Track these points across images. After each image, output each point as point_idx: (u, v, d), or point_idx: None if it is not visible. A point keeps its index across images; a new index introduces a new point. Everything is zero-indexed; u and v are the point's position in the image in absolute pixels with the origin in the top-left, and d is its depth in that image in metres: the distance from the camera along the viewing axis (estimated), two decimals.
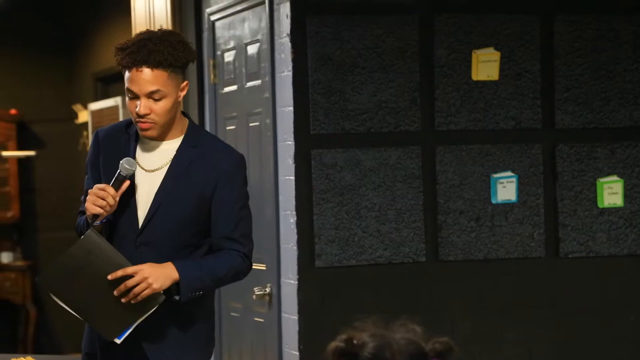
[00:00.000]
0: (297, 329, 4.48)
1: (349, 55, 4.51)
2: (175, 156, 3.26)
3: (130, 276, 3.13)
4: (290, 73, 4.50)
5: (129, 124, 3.31)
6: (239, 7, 5.03)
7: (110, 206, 3.15)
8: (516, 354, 4.62)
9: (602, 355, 4.69)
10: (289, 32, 4.50)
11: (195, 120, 5.49)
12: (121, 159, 3.21)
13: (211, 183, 3.25)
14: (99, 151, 3.30)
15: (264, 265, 4.83)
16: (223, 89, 5.26)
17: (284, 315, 4.64)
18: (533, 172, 4.65)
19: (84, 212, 3.26)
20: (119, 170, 3.18)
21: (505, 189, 4.61)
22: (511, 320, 4.62)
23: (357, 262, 4.51)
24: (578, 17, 4.67)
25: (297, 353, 4.49)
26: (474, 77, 4.59)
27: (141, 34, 3.27)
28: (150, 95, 3.17)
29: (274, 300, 4.72)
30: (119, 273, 3.13)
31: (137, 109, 3.18)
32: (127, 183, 3.19)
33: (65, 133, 9.01)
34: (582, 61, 4.68)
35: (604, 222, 4.68)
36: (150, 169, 3.27)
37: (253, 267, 4.92)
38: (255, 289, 4.81)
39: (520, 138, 4.64)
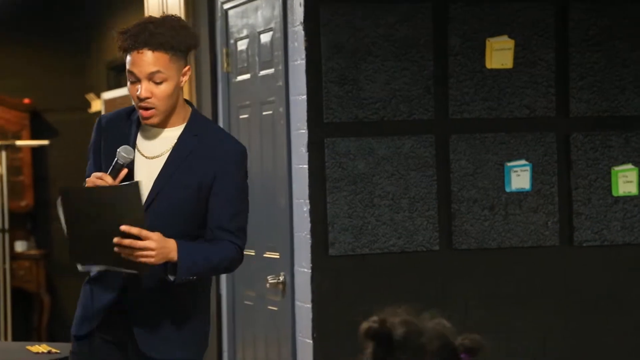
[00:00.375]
0: (311, 317, 4.49)
1: (363, 43, 4.50)
2: (176, 144, 3.23)
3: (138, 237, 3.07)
4: (304, 61, 4.49)
5: (131, 110, 3.28)
6: None
7: None
8: (530, 343, 4.62)
9: (616, 344, 4.68)
10: (302, 21, 4.50)
11: (209, 109, 5.50)
12: (122, 146, 3.20)
13: (211, 173, 3.22)
14: (100, 137, 3.28)
15: (278, 254, 4.83)
16: (236, 78, 5.26)
17: (297, 303, 4.65)
18: (547, 160, 4.64)
19: None
20: (116, 159, 3.15)
21: (520, 178, 4.60)
22: (525, 309, 4.61)
23: (371, 251, 4.51)
24: (593, 5, 4.65)
25: (311, 341, 4.49)
26: (488, 66, 4.58)
27: (143, 18, 3.26)
28: (151, 77, 3.14)
29: (287, 289, 4.73)
30: (134, 230, 3.05)
31: (138, 92, 3.15)
32: (124, 171, 3.16)
33: (78, 122, 9.02)
34: (596, 49, 4.66)
35: (619, 210, 4.67)
36: (151, 155, 3.25)
37: (267, 255, 4.96)
38: (268, 277, 4.81)
39: (535, 126, 4.63)
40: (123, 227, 3.05)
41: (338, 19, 4.48)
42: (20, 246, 8.80)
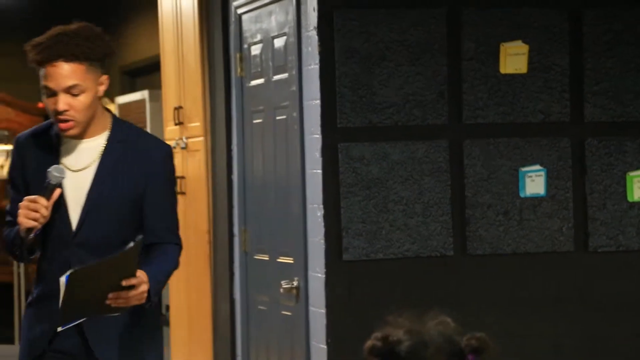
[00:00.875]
0: (325, 322, 4.48)
1: (376, 48, 4.49)
2: (103, 153, 3.19)
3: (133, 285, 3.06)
4: (317, 66, 4.49)
5: (49, 125, 3.24)
6: (266, 0, 5.02)
7: (44, 217, 3.08)
8: (544, 349, 4.60)
9: (632, 350, 4.66)
10: (315, 25, 4.49)
11: (222, 113, 5.50)
12: (46, 163, 3.15)
13: (143, 177, 3.20)
14: (21, 157, 3.23)
15: (292, 259, 4.83)
16: (250, 83, 5.26)
17: (311, 308, 4.64)
18: (562, 165, 4.62)
19: (12, 223, 3.20)
20: (48, 179, 3.10)
21: (534, 183, 4.59)
22: (540, 315, 4.60)
23: (385, 256, 4.50)
24: (607, 10, 4.64)
25: (325, 347, 4.48)
26: (502, 70, 4.57)
27: (54, 29, 3.19)
28: (68, 90, 3.11)
29: (301, 294, 4.72)
30: (134, 281, 3.04)
31: (55, 106, 3.11)
32: (58, 191, 3.11)
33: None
34: (611, 54, 4.64)
35: (634, 216, 4.65)
36: (77, 168, 3.21)
37: (281, 260, 4.96)
38: (282, 282, 4.81)
39: (549, 131, 4.62)
40: (124, 283, 3.04)
41: (352, 23, 4.48)
42: None
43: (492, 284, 4.58)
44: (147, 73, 8.47)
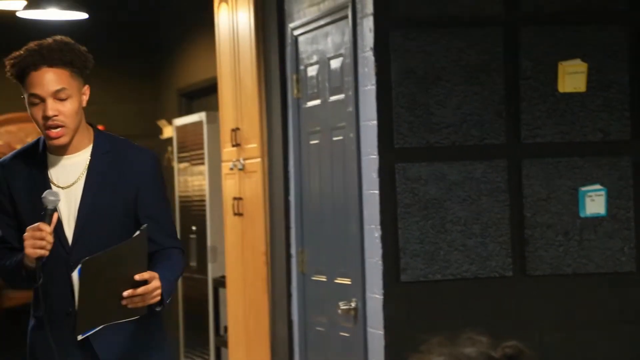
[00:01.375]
0: (383, 344, 4.46)
1: (433, 68, 4.48)
2: (89, 166, 3.18)
3: (145, 282, 3.04)
4: (374, 87, 4.49)
5: (30, 147, 3.24)
6: (322, 22, 5.04)
7: (50, 243, 3.07)
8: None
9: None
10: (372, 46, 4.50)
11: (279, 134, 5.52)
12: (36, 182, 3.15)
13: (133, 186, 3.18)
14: (7, 181, 3.21)
15: (349, 280, 4.82)
16: (306, 104, 5.27)
17: (369, 330, 4.62)
18: (622, 185, 4.56)
19: (8, 248, 3.18)
20: (45, 205, 3.07)
21: (594, 203, 4.54)
22: (601, 336, 4.54)
23: (443, 277, 4.47)
24: None
25: None
26: (561, 89, 4.53)
27: (31, 44, 3.19)
28: (55, 95, 3.11)
29: (359, 315, 4.71)
30: (146, 275, 3.03)
31: (44, 113, 3.11)
32: (56, 215, 3.09)
33: (150, 148, 9.11)
34: None
35: None
36: (66, 185, 3.19)
37: (338, 281, 4.95)
38: (340, 303, 4.80)
39: (609, 150, 4.56)
40: (137, 277, 3.02)
41: (408, 44, 4.47)
42: None
43: (552, 304, 4.53)
44: (204, 95, 8.53)
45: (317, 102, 5.15)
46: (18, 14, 7.44)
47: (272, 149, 5.64)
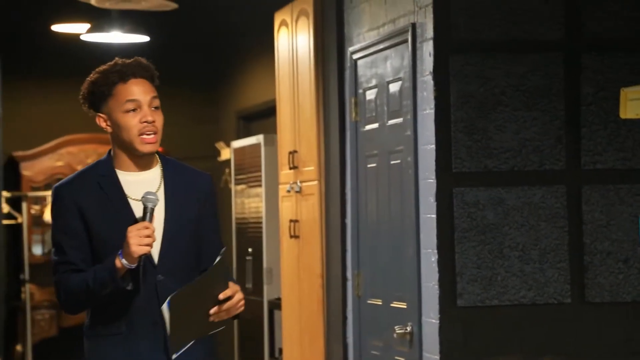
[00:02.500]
0: None
1: (493, 93, 4.47)
2: (165, 183, 3.27)
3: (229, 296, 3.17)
4: (433, 111, 4.49)
5: (94, 166, 3.30)
6: (381, 46, 5.06)
7: (154, 240, 3.17)
8: None
9: None
10: (431, 70, 4.50)
11: (336, 158, 5.54)
12: (113, 198, 3.21)
13: (199, 205, 3.30)
14: (75, 203, 3.23)
15: (405, 304, 4.80)
16: (364, 127, 5.28)
17: (425, 354, 4.61)
18: None
19: (74, 270, 3.19)
20: (146, 205, 3.17)
21: None
22: None
23: (500, 302, 4.45)
24: None
25: None
26: (622, 115, 4.49)
27: (115, 60, 3.32)
28: (151, 102, 3.25)
29: (415, 339, 4.69)
30: (229, 292, 3.16)
31: (143, 118, 3.21)
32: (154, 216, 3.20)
33: (208, 170, 9.15)
34: None
35: None
36: (141, 198, 3.25)
37: (394, 305, 4.94)
38: (396, 327, 4.79)
39: None
40: (221, 296, 3.14)
41: (468, 68, 4.47)
42: None
43: (611, 332, 4.48)
44: (262, 117, 8.59)
45: (375, 125, 5.16)
46: (82, 37, 7.55)
47: (330, 171, 5.66)
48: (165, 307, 3.11)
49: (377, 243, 5.13)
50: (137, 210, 3.23)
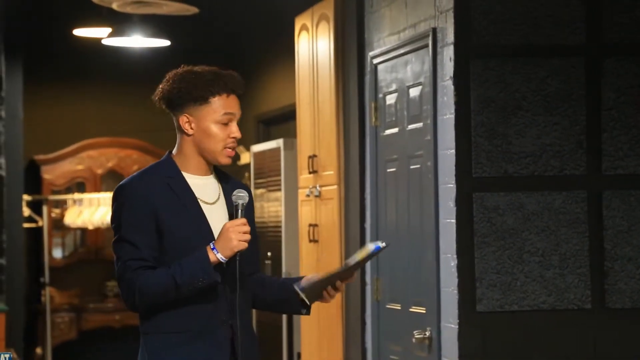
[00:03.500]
0: None
1: (513, 97, 4.46)
2: (224, 188, 3.34)
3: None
4: (453, 116, 4.48)
5: (160, 167, 3.33)
6: (402, 51, 5.05)
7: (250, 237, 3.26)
8: None
9: None
10: (452, 75, 4.49)
11: (356, 162, 5.54)
12: (185, 198, 3.25)
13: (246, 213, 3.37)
14: (147, 200, 3.24)
15: (424, 309, 4.80)
16: (384, 132, 5.28)
17: (444, 359, 4.59)
18: None
19: (149, 267, 3.21)
20: (238, 202, 3.25)
21: None
22: None
23: (520, 308, 4.43)
24: None
25: None
26: None
27: (214, 68, 3.40)
28: (238, 119, 3.35)
29: (433, 344, 4.68)
30: (340, 285, 3.36)
31: (236, 133, 3.30)
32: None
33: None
34: None
35: None
36: (211, 201, 3.32)
37: (413, 310, 4.93)
38: (415, 332, 4.78)
39: None
40: (338, 284, 3.37)
41: (488, 73, 4.46)
42: None
43: (632, 338, 4.46)
44: (282, 122, 8.59)
45: (395, 130, 5.16)
46: (103, 41, 7.58)
47: (349, 176, 5.66)
48: (371, 247, 3.34)
49: (397, 248, 5.12)
50: (207, 211, 3.28)
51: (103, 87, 9.51)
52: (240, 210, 3.25)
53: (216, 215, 3.31)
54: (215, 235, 3.25)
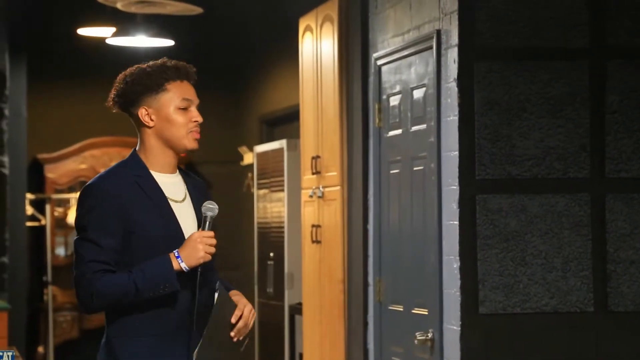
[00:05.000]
0: None
1: (517, 100, 4.47)
2: (189, 187, 3.34)
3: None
4: (457, 117, 4.49)
5: (127, 165, 3.30)
6: (405, 52, 5.06)
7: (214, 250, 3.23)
8: None
9: None
10: (456, 77, 4.50)
11: (359, 163, 5.54)
12: (156, 197, 3.23)
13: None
14: (115, 201, 3.21)
15: (426, 310, 4.80)
16: (388, 133, 5.28)
17: None
18: None
19: (106, 269, 3.17)
20: (207, 214, 3.22)
21: None
22: None
23: (522, 310, 4.43)
24: None
25: None
26: None
27: (170, 60, 3.38)
28: (197, 106, 3.34)
29: (435, 346, 4.68)
30: (238, 313, 3.22)
31: (195, 117, 3.29)
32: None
33: (231, 174, 9.20)
34: None
35: None
36: (179, 200, 3.30)
37: (415, 311, 4.93)
38: (417, 333, 4.78)
39: None
40: (233, 320, 3.22)
41: (492, 75, 4.46)
42: None
43: (634, 341, 4.46)
44: (285, 122, 8.60)
45: (398, 131, 5.16)
46: (107, 41, 7.59)
47: (352, 177, 5.66)
48: (216, 295, 3.22)
49: (399, 249, 5.13)
50: (176, 210, 3.26)
51: (107, 86, 9.48)
52: (208, 223, 3.22)
53: (184, 213, 3.28)
54: (186, 234, 3.24)
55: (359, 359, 5.49)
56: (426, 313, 4.80)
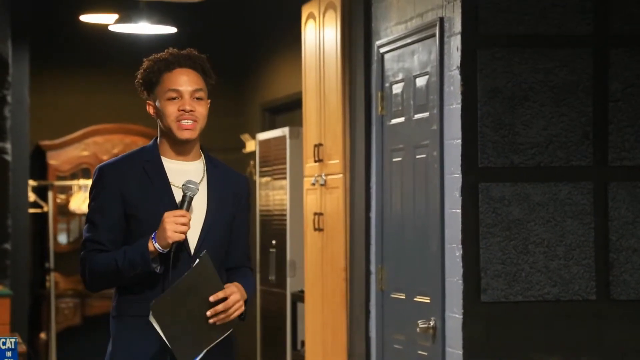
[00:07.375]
0: None
1: (520, 88, 4.46)
2: (207, 176, 3.32)
3: (225, 298, 3.18)
4: (459, 106, 4.48)
5: (140, 150, 3.34)
6: (408, 40, 5.05)
7: (189, 228, 3.21)
8: None
9: None
10: (459, 65, 4.49)
11: (362, 151, 5.54)
12: (157, 183, 3.25)
13: (235, 204, 3.35)
14: (116, 183, 3.27)
15: (429, 298, 4.80)
16: (390, 121, 5.28)
17: (448, 349, 4.60)
18: None
19: (100, 250, 3.23)
20: (185, 193, 3.22)
21: None
22: None
23: (524, 298, 4.43)
24: None
25: None
26: None
27: (168, 49, 3.38)
28: (193, 94, 3.29)
29: (438, 334, 4.69)
30: (221, 294, 3.17)
31: (181, 107, 3.26)
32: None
33: (232, 162, 9.16)
34: None
35: None
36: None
37: (418, 299, 4.93)
38: (419, 322, 4.78)
39: None
40: (212, 298, 3.15)
41: (495, 63, 4.46)
42: None
43: (636, 330, 4.46)
44: (288, 110, 8.59)
45: (401, 119, 5.15)
46: (110, 28, 7.58)
47: (355, 165, 5.66)
48: (151, 317, 3.15)
49: (402, 237, 5.13)
50: (179, 197, 3.27)
51: (109, 73, 9.51)
52: (185, 202, 3.22)
53: (194, 204, 3.27)
54: None
55: (361, 346, 5.50)
56: (428, 301, 4.80)
